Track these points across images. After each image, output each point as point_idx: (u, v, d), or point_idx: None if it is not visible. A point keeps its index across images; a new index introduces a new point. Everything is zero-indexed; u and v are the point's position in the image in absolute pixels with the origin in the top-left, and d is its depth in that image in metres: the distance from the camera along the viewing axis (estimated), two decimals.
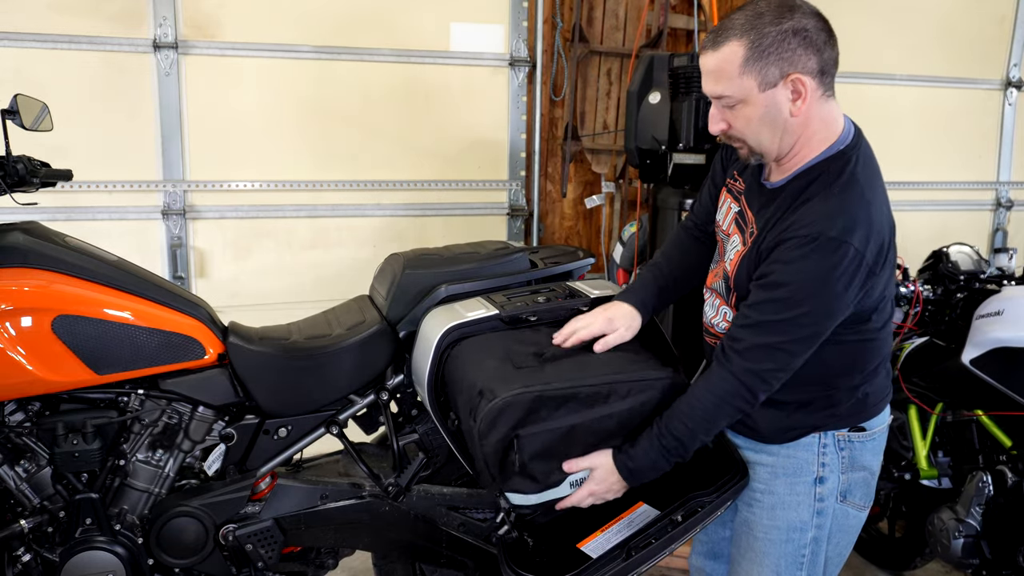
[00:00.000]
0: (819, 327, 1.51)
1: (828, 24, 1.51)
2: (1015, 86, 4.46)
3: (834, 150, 1.56)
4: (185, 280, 3.37)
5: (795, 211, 1.53)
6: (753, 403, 1.58)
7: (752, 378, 1.54)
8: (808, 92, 1.50)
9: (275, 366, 1.97)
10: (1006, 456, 2.46)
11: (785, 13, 1.47)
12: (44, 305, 1.76)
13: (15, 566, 1.85)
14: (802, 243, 1.47)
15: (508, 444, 1.60)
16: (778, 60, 1.47)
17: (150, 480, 1.93)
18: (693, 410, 1.59)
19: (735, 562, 1.80)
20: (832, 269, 1.46)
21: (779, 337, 1.51)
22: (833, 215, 1.48)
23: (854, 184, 1.52)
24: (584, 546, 1.72)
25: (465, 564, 2.06)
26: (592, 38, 4.09)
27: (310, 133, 3.50)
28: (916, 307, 2.69)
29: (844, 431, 1.67)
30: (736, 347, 1.55)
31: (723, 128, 1.58)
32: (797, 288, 1.48)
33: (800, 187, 1.56)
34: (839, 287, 1.47)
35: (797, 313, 1.49)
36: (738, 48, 1.47)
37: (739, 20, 1.49)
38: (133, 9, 3.21)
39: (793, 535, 1.68)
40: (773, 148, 1.56)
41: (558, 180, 4.13)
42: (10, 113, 1.84)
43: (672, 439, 1.59)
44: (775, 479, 1.70)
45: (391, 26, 3.54)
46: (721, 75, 1.51)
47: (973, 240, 2.95)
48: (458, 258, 2.07)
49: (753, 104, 1.51)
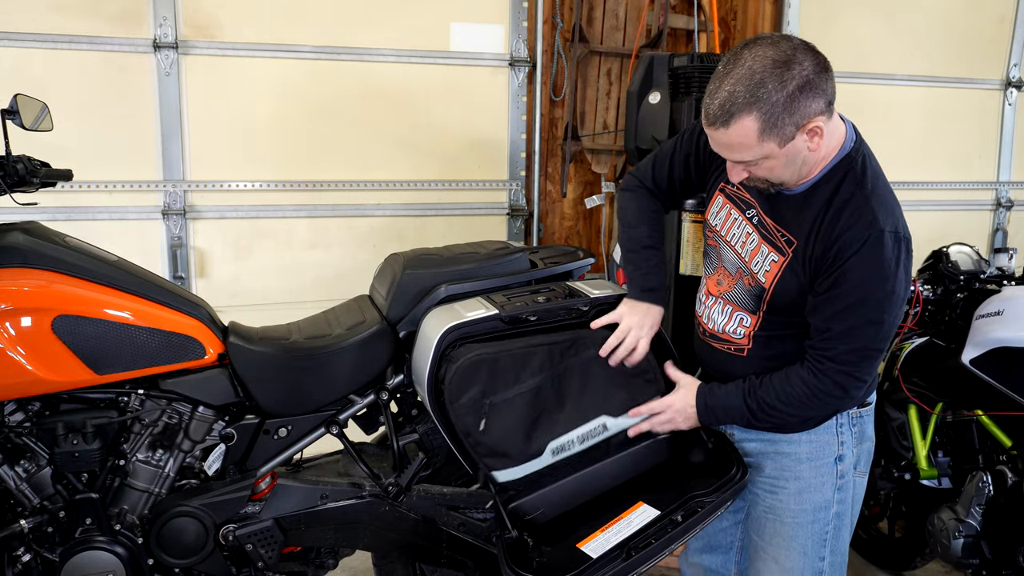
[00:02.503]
0: (896, 317, 1.58)
1: (819, 54, 1.51)
2: (1015, 86, 4.46)
3: (847, 150, 1.61)
4: (185, 280, 3.37)
5: (838, 215, 1.57)
6: (849, 401, 1.66)
7: (847, 379, 1.61)
8: (823, 130, 1.53)
9: (275, 366, 1.97)
10: (1006, 456, 2.46)
11: (784, 71, 1.46)
12: (44, 305, 1.76)
13: (15, 566, 1.85)
14: (862, 244, 1.53)
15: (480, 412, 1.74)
16: (791, 118, 1.48)
17: (150, 480, 1.93)
18: (787, 393, 1.66)
19: (759, 549, 1.84)
20: (894, 260, 1.53)
21: (867, 339, 1.58)
22: (878, 211, 1.54)
23: (878, 176, 1.60)
24: (584, 546, 1.72)
25: (465, 564, 2.06)
26: (592, 38, 4.09)
27: (310, 133, 3.50)
28: (916, 307, 2.69)
29: (855, 408, 1.76)
30: (829, 354, 1.60)
31: (744, 178, 1.61)
32: (870, 287, 1.54)
33: (829, 191, 1.60)
34: (902, 274, 1.56)
35: (878, 312, 1.55)
36: (751, 123, 1.48)
37: (740, 92, 1.47)
38: (133, 9, 3.21)
39: (819, 514, 1.77)
40: (794, 179, 1.61)
41: (558, 180, 4.13)
42: (10, 113, 1.84)
43: (756, 403, 1.69)
44: (799, 464, 1.77)
45: (391, 26, 3.54)
46: (740, 147, 1.52)
47: (973, 240, 2.94)
48: (458, 258, 2.07)
49: (775, 158, 1.54)
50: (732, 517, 1.95)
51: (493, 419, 1.76)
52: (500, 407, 1.77)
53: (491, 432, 1.77)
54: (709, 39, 4.08)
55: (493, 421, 1.76)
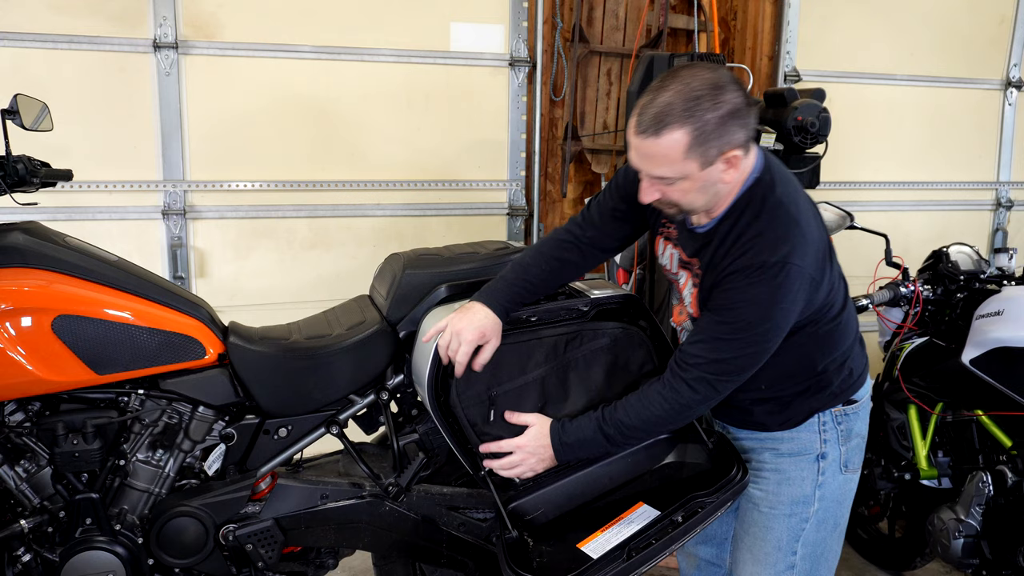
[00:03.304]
0: (768, 343, 1.60)
1: (747, 92, 1.57)
2: (1015, 86, 4.46)
3: (751, 181, 1.64)
4: (185, 280, 3.36)
5: (732, 246, 1.61)
6: (702, 411, 1.69)
7: (705, 386, 1.63)
8: (739, 162, 1.57)
9: (275, 366, 1.97)
10: (1006, 456, 2.46)
11: (719, 94, 1.51)
12: (44, 305, 1.76)
13: (15, 566, 1.85)
14: (748, 274, 1.56)
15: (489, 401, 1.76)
16: (717, 142, 1.52)
17: (150, 480, 1.93)
18: (644, 410, 1.67)
19: (738, 538, 1.90)
20: (778, 290, 1.55)
21: (731, 353, 1.60)
22: (769, 241, 1.56)
23: (778, 206, 1.60)
24: (584, 546, 1.73)
25: (465, 564, 2.06)
26: (592, 38, 4.09)
27: (310, 133, 3.50)
28: (916, 307, 2.69)
29: (839, 406, 1.80)
30: (690, 361, 1.63)
31: (656, 199, 1.63)
32: (747, 310, 1.57)
33: (730, 224, 1.63)
34: (786, 304, 1.56)
35: (748, 332, 1.58)
36: (681, 136, 1.51)
37: (676, 104, 1.50)
38: (133, 9, 3.21)
39: (796, 508, 1.80)
40: (704, 207, 1.64)
41: (558, 180, 4.13)
42: (10, 113, 1.84)
43: (613, 428, 1.69)
44: (780, 458, 1.81)
45: (391, 26, 3.54)
46: (664, 160, 1.54)
47: (973, 240, 2.95)
48: (458, 258, 2.07)
49: (692, 180, 1.56)
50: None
51: (498, 410, 1.78)
52: (504, 398, 1.79)
53: (497, 423, 1.79)
54: (709, 39, 4.08)
55: (498, 412, 1.78)
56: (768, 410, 1.79)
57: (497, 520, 1.83)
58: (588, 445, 1.74)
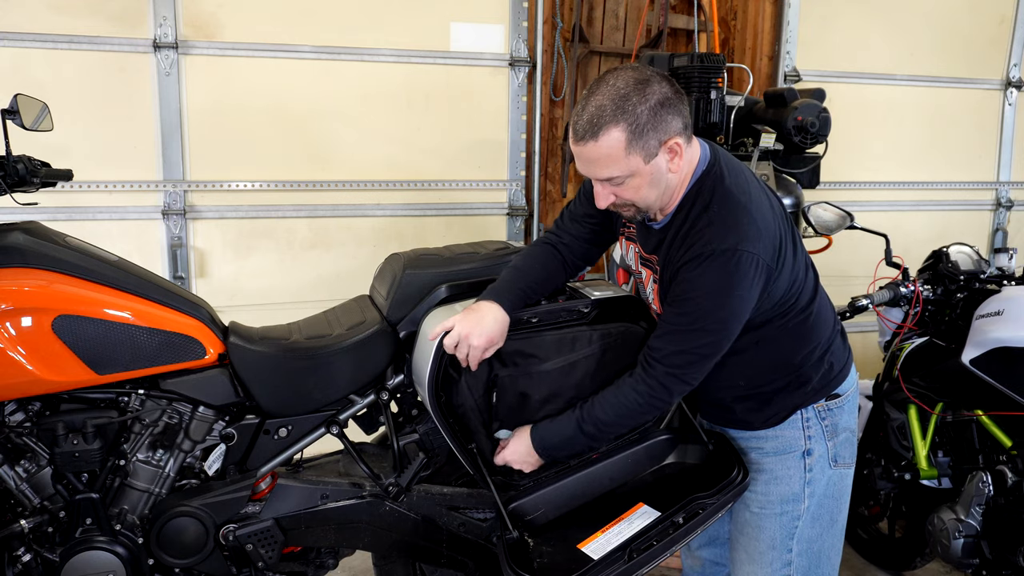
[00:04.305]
0: (728, 330, 1.63)
1: (676, 84, 1.61)
2: (1015, 86, 4.46)
3: (699, 172, 1.67)
4: (185, 280, 3.36)
5: (684, 238, 1.63)
6: (672, 401, 1.71)
7: (673, 380, 1.66)
8: (682, 149, 1.60)
9: (275, 366, 1.97)
10: (1006, 456, 2.46)
11: (645, 88, 1.55)
12: (44, 305, 1.76)
13: (15, 566, 1.85)
14: (699, 262, 1.58)
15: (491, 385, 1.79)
16: (654, 132, 1.56)
17: (150, 480, 1.93)
18: (618, 405, 1.70)
19: (733, 539, 1.91)
20: (731, 276, 1.57)
21: (692, 343, 1.63)
22: (719, 230, 1.59)
23: (727, 195, 1.63)
24: (585, 547, 1.73)
25: (465, 564, 2.06)
26: (592, 38, 4.09)
27: (310, 133, 3.50)
28: (916, 307, 2.69)
29: (822, 402, 1.80)
30: (655, 355, 1.66)
31: (612, 201, 1.66)
32: (702, 299, 1.59)
33: (682, 218, 1.66)
34: (741, 291, 1.58)
35: (706, 321, 1.61)
36: (618, 133, 1.54)
37: (606, 106, 1.54)
38: (133, 9, 3.21)
39: (787, 507, 1.82)
40: (658, 203, 1.67)
41: (558, 180, 4.13)
42: (10, 113, 1.84)
43: (592, 425, 1.73)
44: (766, 457, 1.83)
45: (391, 26, 3.54)
46: (608, 161, 1.57)
47: (973, 240, 2.95)
48: (458, 258, 2.07)
49: (640, 175, 1.59)
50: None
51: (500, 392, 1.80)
52: (506, 381, 1.80)
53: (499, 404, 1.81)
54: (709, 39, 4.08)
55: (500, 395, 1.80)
56: (749, 407, 1.81)
57: (497, 520, 1.83)
58: (570, 443, 1.78)
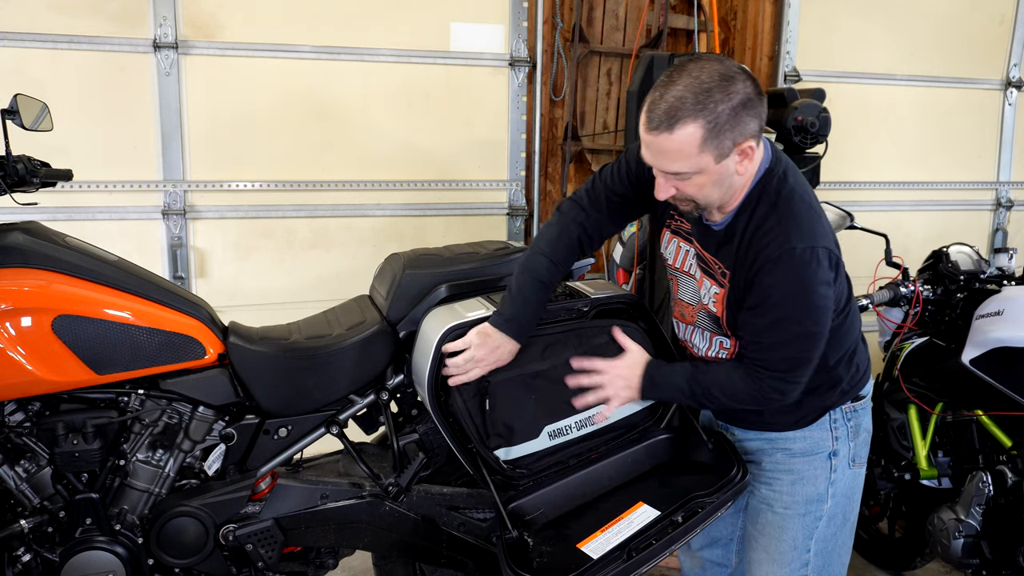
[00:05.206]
0: (822, 327, 1.60)
1: (757, 82, 1.56)
2: (1015, 86, 4.46)
3: (762, 172, 1.63)
4: (185, 280, 3.36)
5: (754, 240, 1.61)
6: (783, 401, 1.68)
7: (782, 384, 1.65)
8: (754, 153, 1.56)
9: (275, 366, 1.97)
10: (1006, 456, 2.46)
11: (730, 85, 1.49)
12: (44, 305, 1.76)
13: (15, 566, 1.85)
14: (776, 264, 1.56)
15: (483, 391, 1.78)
16: (731, 133, 1.51)
17: (150, 480, 1.93)
18: (728, 387, 1.70)
19: (752, 539, 1.89)
20: (813, 275, 1.55)
21: (792, 350, 1.61)
22: (789, 229, 1.56)
23: (792, 194, 1.61)
24: (584, 546, 1.72)
25: (465, 564, 2.06)
26: (592, 38, 4.09)
27: (310, 133, 3.50)
28: (916, 307, 2.69)
29: (848, 403, 1.80)
30: (761, 363, 1.65)
31: (672, 195, 1.61)
32: (791, 304, 1.57)
33: (746, 219, 1.63)
34: (824, 287, 1.56)
35: (800, 325, 1.58)
36: (695, 130, 1.49)
37: (687, 98, 1.48)
38: (133, 9, 3.21)
39: (810, 507, 1.81)
40: (719, 201, 1.63)
41: (558, 180, 4.13)
42: (10, 113, 1.84)
43: (701, 390, 1.73)
44: (793, 459, 1.81)
45: (391, 26, 3.54)
46: (679, 155, 1.52)
47: (973, 240, 2.95)
48: (458, 258, 2.07)
49: (707, 174, 1.55)
50: (733, 507, 1.96)
51: (492, 400, 1.79)
52: (499, 386, 1.79)
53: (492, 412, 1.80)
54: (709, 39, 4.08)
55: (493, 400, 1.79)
56: (781, 409, 1.77)
57: (497, 520, 1.83)
58: (674, 392, 1.78)
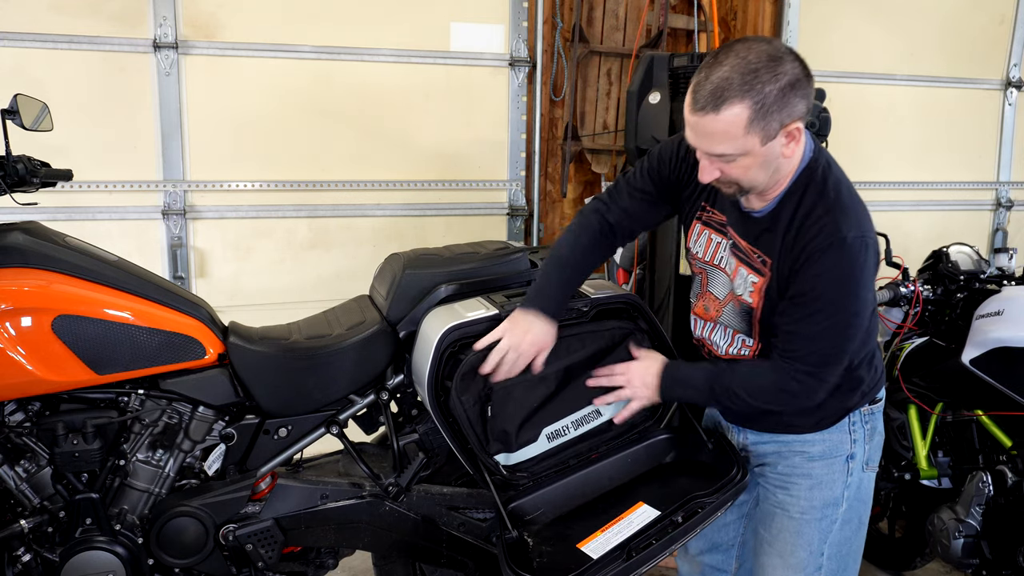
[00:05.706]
0: (862, 319, 1.59)
1: (805, 62, 1.52)
2: (1015, 86, 4.46)
3: (806, 160, 1.61)
4: (185, 280, 3.37)
5: (802, 229, 1.57)
6: (808, 401, 1.66)
7: (811, 380, 1.61)
8: (801, 135, 1.54)
9: (275, 366, 1.97)
10: (1006, 456, 2.46)
11: (777, 65, 1.46)
12: (44, 305, 1.76)
13: (15, 566, 1.85)
14: (825, 253, 1.53)
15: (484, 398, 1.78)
16: (778, 114, 1.48)
17: (150, 480, 1.93)
18: (753, 385, 1.67)
19: (765, 543, 1.85)
20: (859, 266, 1.54)
21: (828, 343, 1.59)
22: (839, 218, 1.54)
23: (840, 183, 1.59)
24: (584, 546, 1.72)
25: (465, 564, 2.06)
26: (592, 38, 4.09)
27: (310, 133, 3.50)
28: (916, 307, 2.69)
29: (867, 405, 1.78)
30: (793, 355, 1.62)
31: (716, 177, 1.58)
32: (835, 294, 1.55)
33: (793, 206, 1.60)
34: (867, 279, 1.55)
35: (843, 317, 1.56)
36: (742, 111, 1.46)
37: (734, 79, 1.45)
38: (133, 9, 3.21)
39: (827, 511, 1.78)
40: (764, 185, 1.60)
41: (558, 180, 4.13)
42: (10, 113, 1.84)
43: (722, 389, 1.70)
44: (811, 462, 1.78)
45: (391, 26, 3.54)
46: (724, 137, 1.49)
47: (973, 240, 2.95)
48: (458, 258, 2.07)
49: (753, 155, 1.52)
50: (736, 512, 1.95)
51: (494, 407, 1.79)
52: (498, 394, 1.79)
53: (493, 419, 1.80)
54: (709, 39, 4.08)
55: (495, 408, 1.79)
56: (802, 411, 1.74)
57: (497, 520, 1.83)
58: (692, 392, 1.78)
